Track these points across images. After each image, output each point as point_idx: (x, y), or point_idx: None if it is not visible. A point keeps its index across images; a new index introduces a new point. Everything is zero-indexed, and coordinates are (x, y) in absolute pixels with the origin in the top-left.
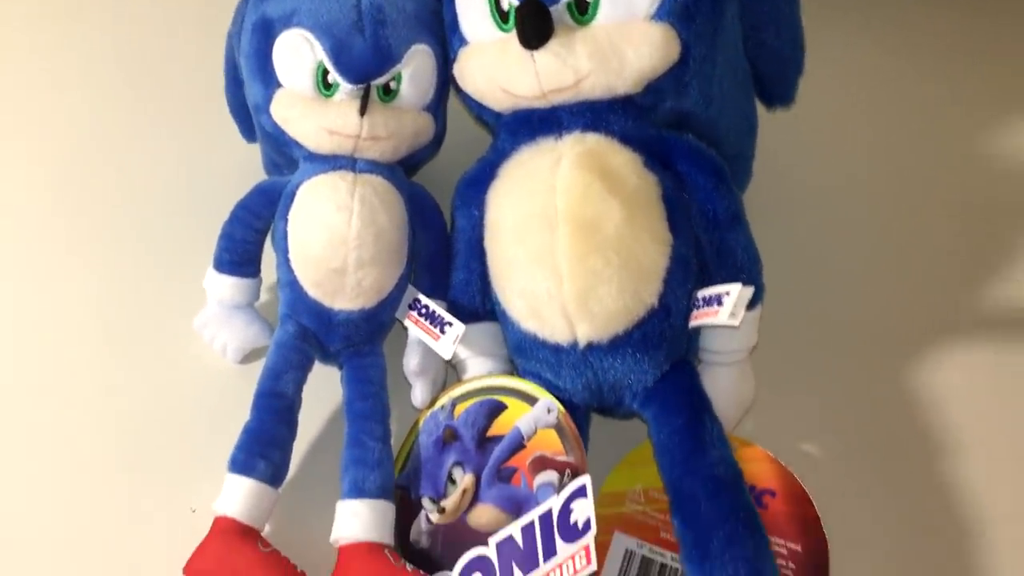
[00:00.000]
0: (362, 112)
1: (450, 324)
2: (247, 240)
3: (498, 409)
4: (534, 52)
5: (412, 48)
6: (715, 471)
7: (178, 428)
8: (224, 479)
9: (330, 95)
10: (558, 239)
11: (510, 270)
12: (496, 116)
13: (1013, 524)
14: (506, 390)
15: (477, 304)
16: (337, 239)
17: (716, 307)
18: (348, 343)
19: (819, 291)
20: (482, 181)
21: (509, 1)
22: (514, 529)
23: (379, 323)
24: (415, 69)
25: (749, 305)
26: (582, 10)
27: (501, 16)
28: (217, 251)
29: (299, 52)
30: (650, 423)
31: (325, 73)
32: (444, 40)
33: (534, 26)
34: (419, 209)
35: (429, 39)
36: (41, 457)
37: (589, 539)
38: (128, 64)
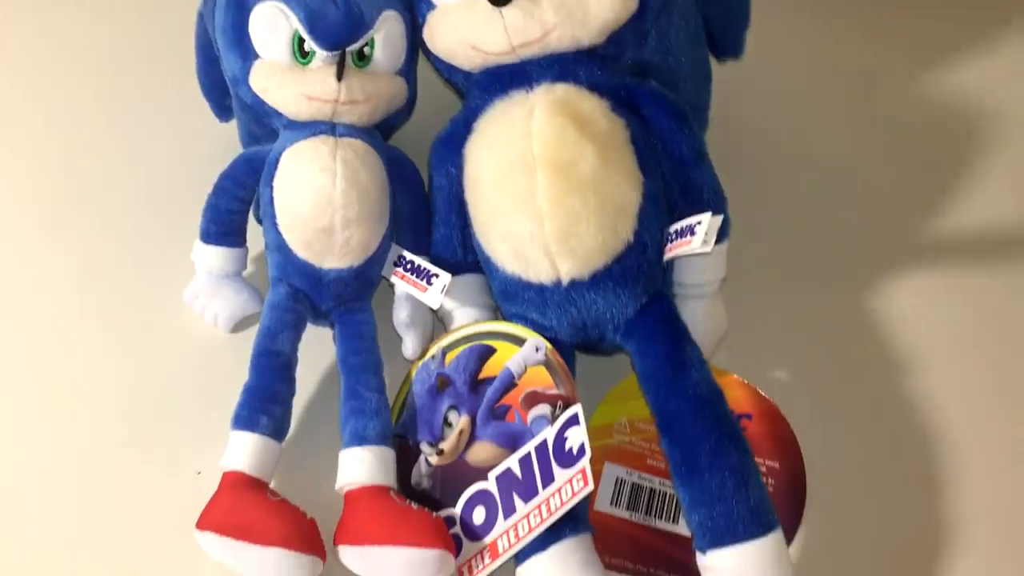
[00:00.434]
0: (339, 77)
1: (436, 275)
2: (232, 210)
3: (487, 353)
4: (502, 8)
5: (383, 14)
6: (697, 390)
7: (176, 397)
8: (227, 441)
9: (307, 63)
10: (537, 183)
11: (493, 217)
12: (466, 76)
13: (972, 429)
14: (494, 334)
15: (459, 257)
16: (323, 200)
17: (689, 237)
18: (339, 301)
19: (778, 227)
20: (457, 139)
21: None
22: (512, 462)
23: (367, 280)
24: (386, 34)
25: (717, 239)
26: None
27: None
28: (203, 223)
29: (275, 23)
30: (632, 353)
31: (301, 42)
32: (411, 6)
33: None
34: (398, 170)
35: (397, 5)
36: (44, 431)
37: (584, 463)
38: (105, 48)
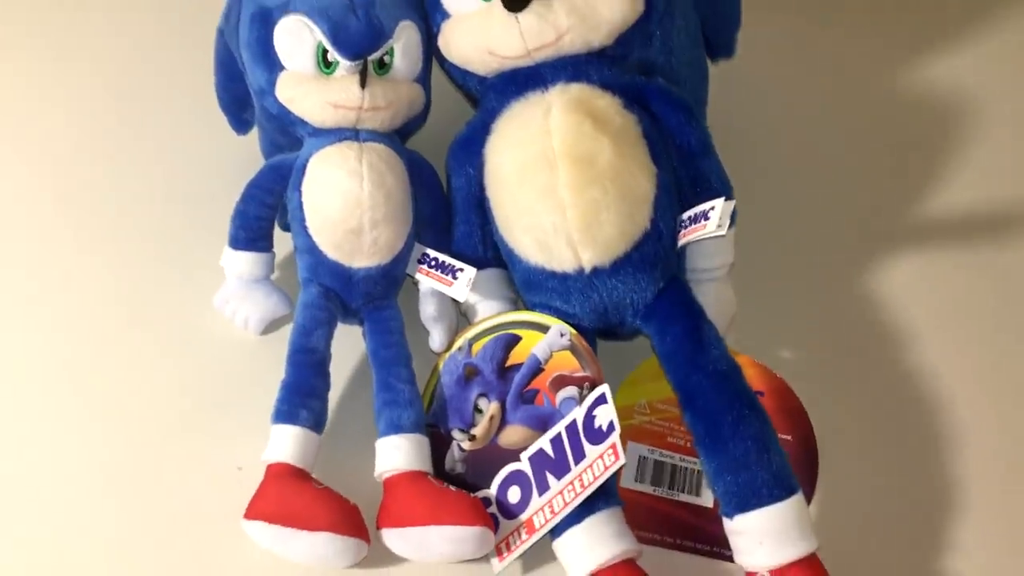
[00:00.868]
0: (362, 84)
1: (461, 269)
2: (260, 216)
3: (513, 341)
4: (517, 14)
5: (400, 24)
6: (718, 366)
7: (212, 398)
8: (264, 437)
9: (330, 73)
10: (558, 176)
11: (516, 211)
12: (480, 80)
13: (967, 396)
14: (518, 323)
15: (480, 253)
16: (352, 202)
17: (703, 222)
18: (368, 299)
19: (778, 215)
20: (475, 140)
21: None
22: (543, 442)
23: (394, 278)
24: (405, 43)
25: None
26: None
27: None
28: (232, 229)
29: (299, 36)
30: (652, 335)
31: (325, 53)
32: (426, 16)
33: None
34: (417, 172)
35: (413, 16)
36: (84, 434)
37: (615, 438)
38: (132, 64)
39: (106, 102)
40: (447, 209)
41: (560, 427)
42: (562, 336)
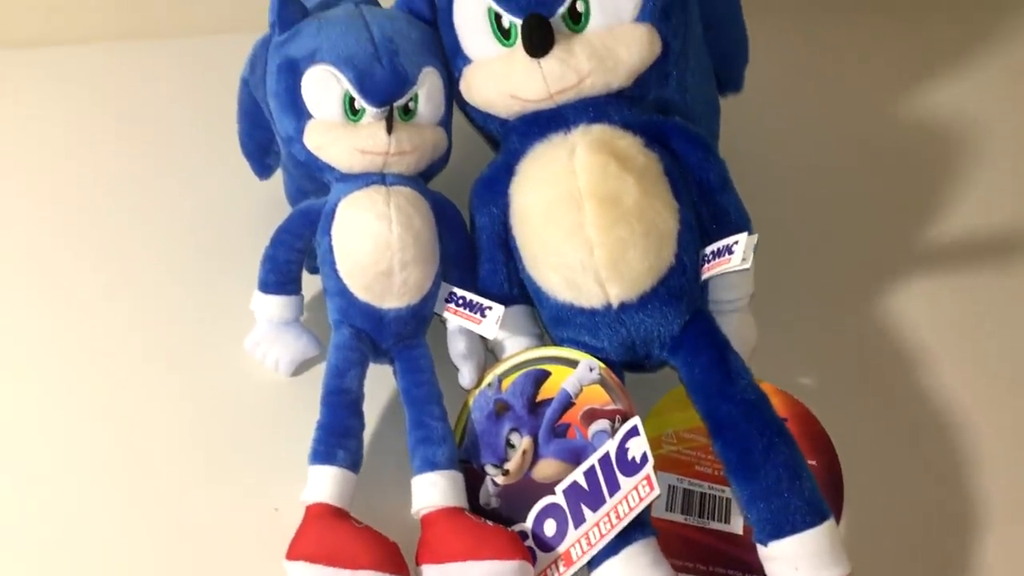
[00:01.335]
0: (389, 130)
1: (490, 308)
2: (290, 260)
3: (543, 376)
4: (540, 60)
5: (423, 70)
6: (746, 395)
7: (246, 439)
8: (299, 476)
9: (357, 120)
10: (585, 215)
11: (544, 250)
12: (502, 123)
13: (984, 417)
14: (547, 359)
15: (506, 290)
16: (382, 244)
17: (727, 256)
18: (398, 339)
19: (793, 245)
20: (498, 180)
21: (510, 19)
22: (577, 475)
23: (423, 317)
24: (429, 88)
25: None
26: (575, 19)
27: (503, 33)
28: (262, 273)
29: (327, 85)
30: (679, 367)
31: (352, 100)
32: (447, 61)
33: (539, 37)
34: (442, 213)
35: (435, 62)
36: (120, 477)
37: (648, 469)
38: (159, 112)
39: (133, 148)
40: (471, 248)
41: (593, 460)
42: (591, 370)
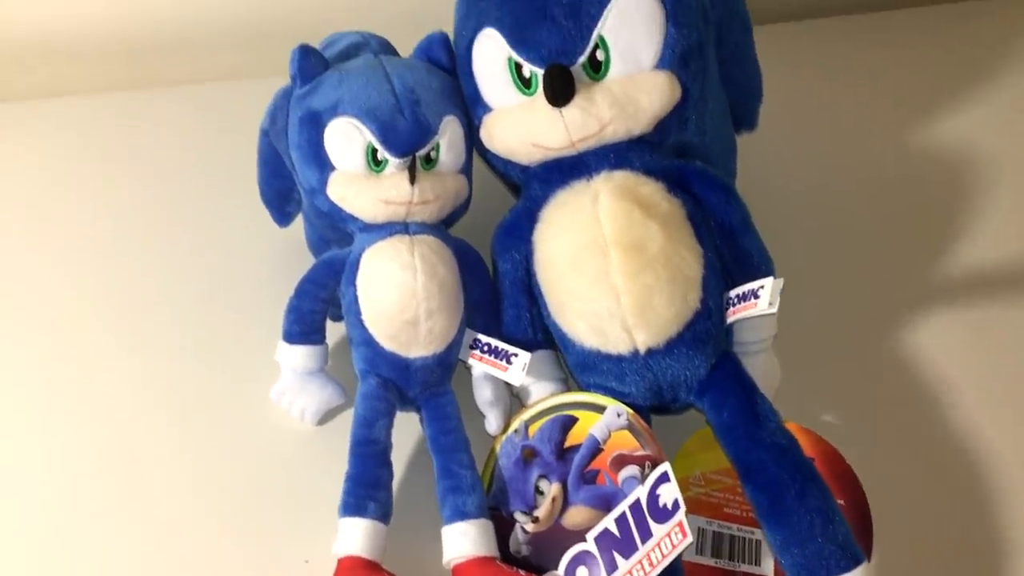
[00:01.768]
0: (412, 180)
1: (515, 354)
2: (314, 311)
3: (570, 422)
4: (562, 109)
5: (444, 119)
6: (776, 439)
7: (274, 490)
8: (328, 527)
9: (380, 170)
10: (611, 262)
11: (570, 297)
12: (523, 170)
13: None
14: (574, 404)
15: (529, 336)
16: (407, 294)
17: (753, 300)
18: (425, 387)
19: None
20: (520, 227)
21: (531, 69)
22: (608, 522)
23: (449, 365)
24: (450, 137)
25: None
26: (596, 68)
27: (523, 82)
28: (286, 324)
29: (349, 137)
30: (707, 410)
31: (374, 152)
32: (466, 110)
33: (561, 87)
34: (465, 259)
35: (455, 110)
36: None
37: (680, 516)
38: (178, 163)
39: (149, 196)
40: (494, 293)
41: (624, 506)
42: (619, 416)
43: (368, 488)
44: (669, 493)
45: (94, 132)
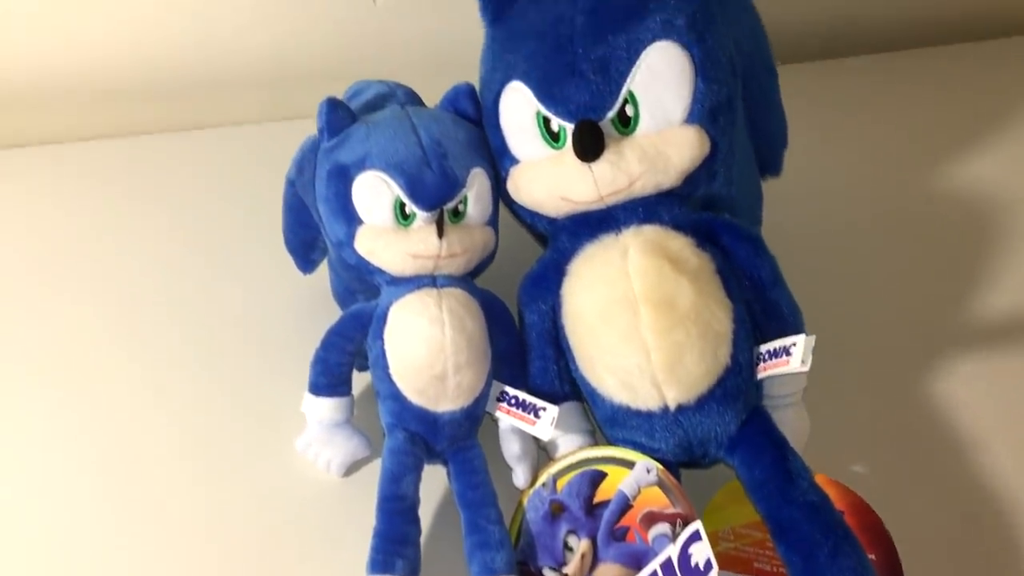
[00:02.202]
0: (440, 234)
1: (544, 408)
2: (341, 363)
3: (599, 477)
4: (591, 164)
5: (472, 172)
6: (808, 497)
7: (300, 543)
8: None
9: (408, 224)
10: (641, 319)
11: (599, 352)
12: (550, 222)
13: None
14: (602, 459)
15: (556, 388)
16: (435, 349)
17: (785, 357)
18: (453, 441)
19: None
20: (548, 278)
21: (559, 123)
22: None
23: (476, 418)
24: (477, 190)
25: None
26: (625, 123)
27: (552, 136)
28: (313, 376)
29: (377, 191)
30: (738, 467)
31: (402, 206)
32: (493, 161)
33: (591, 143)
34: (491, 311)
35: (482, 162)
36: None
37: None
38: (203, 213)
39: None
40: (521, 344)
41: (655, 565)
42: (649, 472)
43: (396, 544)
44: (701, 552)
45: (119, 176)
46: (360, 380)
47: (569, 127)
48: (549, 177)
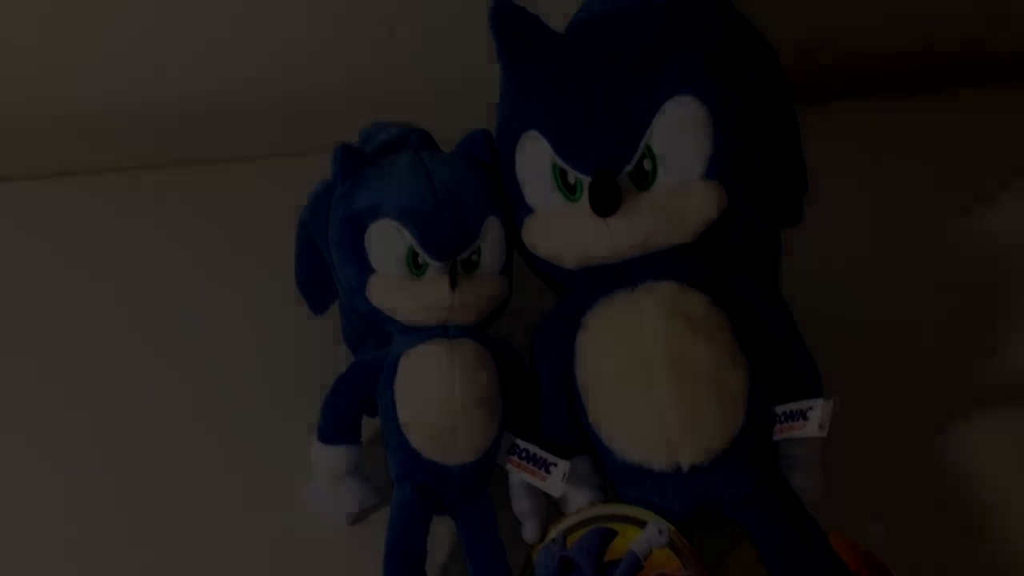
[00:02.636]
0: (452, 285)
1: (554, 464)
2: (351, 411)
3: (610, 535)
4: (607, 219)
5: (486, 222)
6: (824, 563)
7: None
8: None
9: (421, 274)
10: (656, 379)
11: (613, 411)
12: (566, 273)
13: None
14: (614, 517)
15: (568, 440)
16: (446, 402)
17: (802, 421)
18: (462, 494)
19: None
20: (563, 330)
21: (576, 176)
22: None
23: (487, 471)
24: (491, 239)
25: None
26: (642, 178)
27: (568, 189)
28: (322, 423)
29: (390, 240)
30: (751, 528)
31: (415, 255)
32: (508, 208)
33: (607, 198)
34: (503, 360)
35: (497, 211)
36: None
37: None
38: (214, 253)
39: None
40: (531, 393)
41: None
42: (661, 533)
43: None
44: None
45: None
46: (369, 425)
47: (586, 180)
48: (565, 230)
